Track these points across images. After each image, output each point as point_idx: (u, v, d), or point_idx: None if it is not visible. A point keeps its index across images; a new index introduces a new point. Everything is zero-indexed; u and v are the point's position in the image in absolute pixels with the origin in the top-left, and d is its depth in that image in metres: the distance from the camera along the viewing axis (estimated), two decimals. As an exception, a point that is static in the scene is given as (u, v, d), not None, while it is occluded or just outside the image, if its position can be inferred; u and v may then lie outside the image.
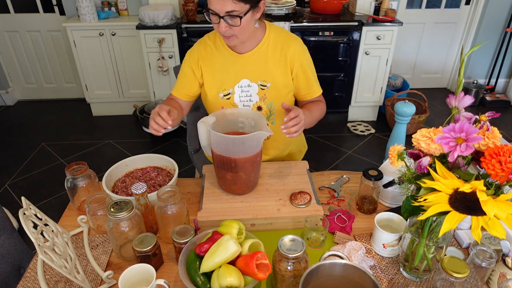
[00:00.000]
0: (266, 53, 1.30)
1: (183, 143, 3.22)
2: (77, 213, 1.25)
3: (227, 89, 1.33)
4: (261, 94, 1.33)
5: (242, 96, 1.33)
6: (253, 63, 1.31)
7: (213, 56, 1.33)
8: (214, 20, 1.15)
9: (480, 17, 3.65)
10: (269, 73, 1.31)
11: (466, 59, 1.48)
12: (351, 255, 1.02)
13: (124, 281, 0.86)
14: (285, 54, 1.30)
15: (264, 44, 1.30)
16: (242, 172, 1.18)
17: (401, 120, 1.52)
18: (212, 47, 1.33)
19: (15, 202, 2.60)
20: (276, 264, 0.91)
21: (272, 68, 1.31)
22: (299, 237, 0.91)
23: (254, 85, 1.32)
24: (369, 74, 3.25)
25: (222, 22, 1.13)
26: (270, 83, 1.32)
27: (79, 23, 3.16)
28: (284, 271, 0.89)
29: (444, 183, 0.75)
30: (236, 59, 1.31)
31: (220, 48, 1.32)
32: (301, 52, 1.32)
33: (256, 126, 1.24)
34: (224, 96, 1.34)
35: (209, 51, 1.33)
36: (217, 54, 1.32)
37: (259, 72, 1.31)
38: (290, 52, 1.30)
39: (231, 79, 1.32)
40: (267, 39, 1.30)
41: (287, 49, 1.30)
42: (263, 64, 1.31)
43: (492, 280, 0.97)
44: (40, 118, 3.69)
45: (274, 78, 1.32)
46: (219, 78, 1.33)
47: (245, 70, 1.31)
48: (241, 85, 1.32)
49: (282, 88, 1.33)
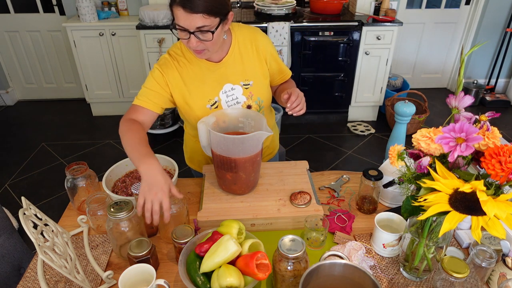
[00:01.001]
0: (239, 54, 1.30)
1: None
2: (77, 213, 1.25)
3: (212, 98, 1.31)
4: (246, 93, 1.33)
5: (228, 101, 1.32)
6: (230, 68, 1.30)
7: (189, 70, 1.27)
8: (183, 36, 1.11)
9: (480, 17, 3.65)
10: (248, 72, 1.32)
11: (466, 59, 1.48)
12: (351, 255, 1.02)
13: (124, 281, 0.86)
14: (256, 48, 1.32)
15: (234, 47, 1.29)
16: (242, 172, 1.18)
17: (401, 120, 1.52)
18: (184, 61, 1.27)
19: (15, 202, 2.60)
20: (276, 264, 0.91)
21: (249, 65, 1.32)
22: (299, 237, 0.91)
23: (237, 87, 1.32)
24: (369, 74, 3.25)
25: (193, 38, 1.09)
26: (252, 80, 1.33)
27: (79, 23, 3.16)
28: (284, 271, 0.89)
29: (444, 183, 0.75)
30: (214, 68, 1.28)
31: (193, 61, 1.27)
32: (268, 42, 1.35)
33: (256, 126, 1.24)
34: (212, 106, 1.31)
35: (183, 66, 1.27)
36: (192, 67, 1.27)
37: (239, 73, 1.31)
38: (259, 44, 1.32)
39: (214, 88, 1.30)
40: (235, 41, 1.29)
41: (256, 42, 1.32)
42: (240, 65, 1.31)
43: (492, 280, 0.97)
44: (40, 118, 3.69)
45: (254, 74, 1.33)
46: (202, 90, 1.30)
47: (225, 76, 1.30)
48: (225, 91, 1.31)
49: (263, 80, 1.35)
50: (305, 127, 3.43)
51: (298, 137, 3.27)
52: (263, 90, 1.35)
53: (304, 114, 1.25)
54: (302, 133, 3.33)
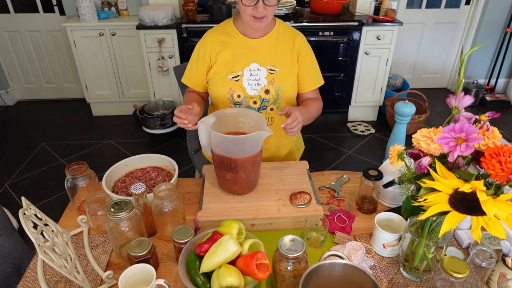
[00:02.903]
0: (276, 40, 1.38)
1: (183, 143, 3.22)
2: (77, 213, 1.25)
3: (236, 71, 1.37)
4: (269, 78, 1.38)
5: (250, 80, 1.37)
6: (263, 49, 1.37)
7: (225, 42, 1.38)
8: (250, 3, 1.22)
9: (480, 17, 3.65)
10: (278, 59, 1.38)
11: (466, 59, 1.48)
12: (351, 255, 1.02)
13: (124, 281, 0.86)
14: (293, 43, 1.39)
15: (274, 32, 1.38)
16: (242, 172, 1.18)
17: (401, 120, 1.52)
18: (223, 35, 1.38)
19: (15, 202, 2.60)
20: (276, 264, 0.91)
21: (281, 54, 1.38)
22: (299, 237, 0.91)
23: (263, 69, 1.37)
24: (369, 74, 3.25)
25: (261, 3, 1.21)
26: (279, 68, 1.37)
27: (79, 23, 3.16)
28: (284, 271, 0.89)
29: (444, 183, 0.75)
30: (248, 44, 1.37)
31: (232, 35, 1.38)
32: (306, 45, 1.41)
33: (256, 126, 1.24)
34: (233, 78, 1.37)
35: (220, 38, 1.38)
36: (229, 40, 1.38)
37: (269, 57, 1.37)
38: (297, 42, 1.39)
39: (241, 62, 1.37)
40: (277, 28, 1.39)
41: (295, 39, 1.39)
42: (273, 50, 1.38)
43: (492, 280, 0.97)
44: (40, 118, 3.69)
45: (283, 63, 1.38)
46: (229, 61, 1.37)
47: (255, 55, 1.37)
48: (250, 69, 1.37)
49: (290, 73, 1.39)
50: (305, 127, 3.41)
51: (298, 137, 3.26)
52: (286, 82, 1.39)
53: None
54: (302, 133, 3.33)
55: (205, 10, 3.27)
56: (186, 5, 3.04)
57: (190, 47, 3.03)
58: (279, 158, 1.56)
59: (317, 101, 1.47)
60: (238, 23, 1.38)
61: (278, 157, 1.56)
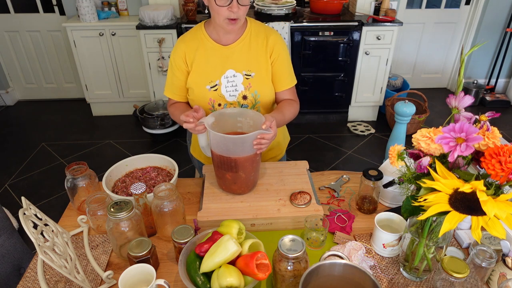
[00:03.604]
0: (249, 43, 1.34)
1: (183, 143, 3.22)
2: (77, 213, 1.25)
3: (213, 80, 1.35)
4: (246, 84, 1.36)
5: (228, 87, 1.35)
6: (237, 54, 1.34)
7: (197, 50, 1.35)
8: (223, 3, 1.19)
9: (480, 17, 3.65)
10: (253, 63, 1.35)
11: (466, 59, 1.48)
12: (351, 255, 1.02)
13: (124, 281, 0.86)
14: (266, 43, 1.35)
15: (247, 35, 1.34)
16: (242, 172, 1.18)
17: (401, 120, 1.52)
18: (195, 41, 1.35)
19: (15, 202, 2.60)
20: (276, 264, 0.91)
21: (255, 57, 1.35)
22: (299, 237, 0.91)
23: (239, 75, 1.35)
24: (369, 74, 3.25)
25: (235, 2, 1.18)
26: (254, 72, 1.35)
27: (79, 23, 3.16)
28: (284, 271, 0.89)
29: (444, 183, 0.75)
30: (221, 51, 1.34)
31: (204, 41, 1.34)
32: (280, 43, 1.36)
33: (254, 125, 1.24)
34: (211, 88, 1.35)
35: (193, 46, 1.35)
36: (202, 47, 1.35)
37: (244, 62, 1.35)
38: (270, 40, 1.35)
39: (217, 71, 1.35)
40: (249, 30, 1.34)
41: (268, 37, 1.35)
42: (247, 54, 1.35)
43: (492, 280, 0.97)
44: (40, 118, 3.70)
45: (258, 67, 1.35)
46: (205, 71, 1.35)
47: (230, 61, 1.34)
48: (226, 76, 1.35)
49: (265, 75, 1.37)
50: (305, 127, 3.43)
51: (298, 137, 3.27)
52: (263, 86, 1.37)
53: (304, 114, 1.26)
54: (302, 133, 3.33)
55: (205, 10, 3.27)
56: (186, 5, 3.04)
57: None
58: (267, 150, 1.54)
59: (293, 103, 1.41)
60: (210, 28, 1.34)
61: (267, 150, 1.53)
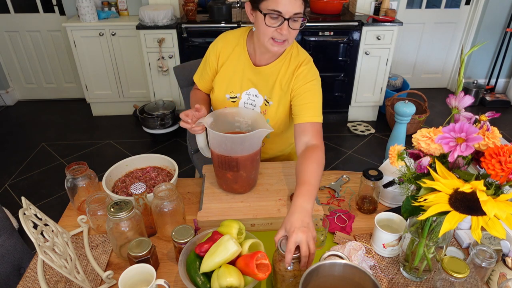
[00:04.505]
0: (279, 70, 1.27)
1: (183, 143, 3.22)
2: (77, 213, 1.25)
3: (235, 92, 1.33)
4: (263, 109, 1.34)
5: (247, 103, 1.33)
6: (265, 78, 1.29)
7: (231, 56, 1.30)
8: (273, 23, 1.09)
9: (480, 17, 3.65)
10: (275, 92, 1.30)
11: (466, 59, 1.48)
12: (351, 255, 1.02)
13: (124, 281, 0.86)
14: (293, 74, 1.25)
15: (281, 60, 1.26)
16: (243, 171, 1.18)
17: (401, 120, 1.52)
18: (232, 45, 1.30)
19: (15, 202, 2.60)
20: (276, 264, 0.91)
21: (279, 87, 1.29)
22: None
23: (261, 97, 1.33)
24: (369, 74, 3.25)
25: (285, 25, 1.08)
26: (272, 102, 1.32)
27: (79, 23, 3.16)
28: (284, 271, 0.89)
29: (444, 183, 0.75)
30: (252, 69, 1.29)
31: (239, 50, 1.29)
32: (307, 74, 1.25)
33: (253, 124, 1.23)
34: (230, 98, 1.34)
35: (230, 49, 1.30)
36: (236, 54, 1.30)
37: (269, 88, 1.31)
38: (299, 70, 1.25)
39: (241, 85, 1.32)
40: (285, 55, 1.26)
41: (299, 67, 1.25)
42: (273, 82, 1.29)
43: (492, 280, 0.97)
44: (40, 118, 3.69)
45: (277, 97, 1.31)
46: (230, 80, 1.32)
47: (256, 81, 1.31)
48: (249, 93, 1.32)
49: (280, 109, 1.32)
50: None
51: (298, 137, 3.26)
52: (275, 117, 1.34)
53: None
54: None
55: (205, 10, 3.27)
56: (186, 5, 3.04)
57: (190, 47, 3.04)
58: (283, 157, 1.55)
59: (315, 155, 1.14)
60: (251, 40, 1.27)
61: (280, 157, 1.55)
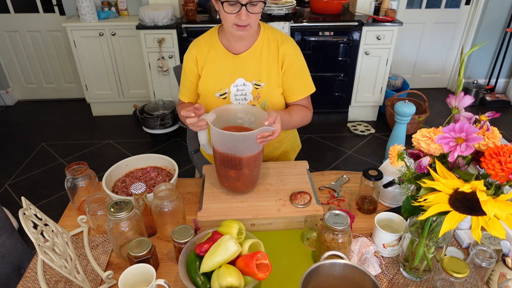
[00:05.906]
0: (261, 52, 1.32)
1: (183, 143, 3.22)
2: (77, 213, 1.25)
3: (223, 88, 1.34)
4: (255, 94, 1.35)
5: (237, 95, 1.35)
6: (248, 63, 1.32)
7: (209, 56, 1.34)
8: (232, 10, 1.16)
9: (480, 17, 3.65)
10: (263, 73, 1.33)
11: (466, 59, 1.48)
12: (362, 250, 1.03)
13: (124, 281, 0.86)
14: (278, 52, 1.32)
15: (259, 43, 1.32)
16: (246, 169, 1.18)
17: (401, 120, 1.52)
18: (208, 46, 1.34)
19: (15, 202, 2.60)
20: (321, 235, 0.99)
21: (266, 67, 1.33)
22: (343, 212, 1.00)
23: (248, 84, 1.34)
24: (369, 74, 3.25)
25: (244, 10, 1.15)
26: (264, 83, 1.33)
27: (79, 23, 3.16)
28: (330, 242, 0.97)
29: (444, 183, 0.75)
30: (232, 59, 1.32)
31: (216, 47, 1.33)
32: (292, 52, 1.32)
33: (256, 121, 1.23)
34: (221, 96, 1.35)
35: (205, 51, 1.34)
36: (213, 53, 1.33)
37: (254, 71, 1.33)
38: (281, 50, 1.31)
39: (227, 79, 1.33)
40: (262, 38, 1.32)
41: (280, 46, 1.31)
42: (258, 64, 1.32)
43: (492, 280, 0.97)
44: (40, 118, 3.69)
45: (268, 77, 1.33)
46: (215, 78, 1.34)
47: (240, 70, 1.33)
48: (236, 84, 1.34)
49: (275, 87, 1.35)
50: (305, 127, 3.40)
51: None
52: (272, 96, 1.35)
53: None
54: (302, 133, 3.32)
55: (205, 10, 3.27)
56: (186, 5, 3.04)
57: (190, 47, 3.03)
58: (272, 159, 1.56)
59: (304, 109, 1.40)
60: (222, 34, 1.32)
61: (272, 158, 1.55)
